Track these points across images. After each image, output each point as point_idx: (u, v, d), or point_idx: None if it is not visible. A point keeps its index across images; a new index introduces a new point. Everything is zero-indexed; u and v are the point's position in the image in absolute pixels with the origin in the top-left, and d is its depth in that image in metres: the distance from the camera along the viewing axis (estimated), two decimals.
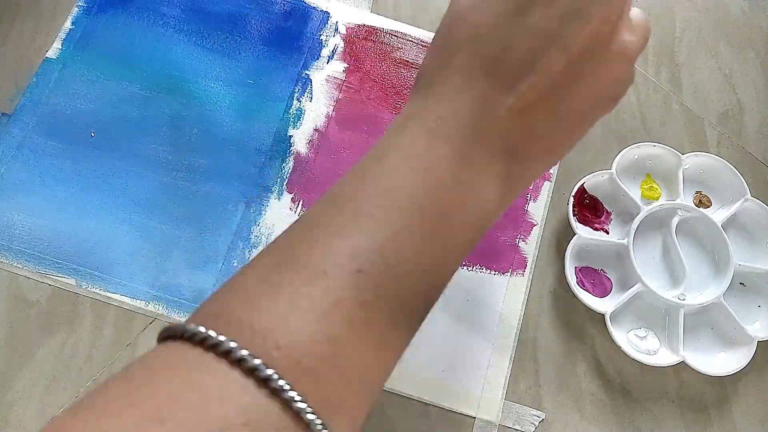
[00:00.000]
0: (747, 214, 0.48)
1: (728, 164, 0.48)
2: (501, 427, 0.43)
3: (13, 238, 0.45)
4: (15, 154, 0.47)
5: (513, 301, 0.46)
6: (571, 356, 0.45)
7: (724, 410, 0.45)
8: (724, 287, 0.45)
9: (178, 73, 0.50)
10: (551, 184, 0.49)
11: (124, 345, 0.43)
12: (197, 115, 0.49)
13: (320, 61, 0.52)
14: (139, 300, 0.44)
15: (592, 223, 0.48)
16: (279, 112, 0.50)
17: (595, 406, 0.44)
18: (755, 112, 0.53)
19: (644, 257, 0.47)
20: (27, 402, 0.41)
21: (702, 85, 0.54)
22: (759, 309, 0.46)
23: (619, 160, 0.47)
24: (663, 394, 0.45)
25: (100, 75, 0.50)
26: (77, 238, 0.45)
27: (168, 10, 0.52)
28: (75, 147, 0.47)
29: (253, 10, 0.52)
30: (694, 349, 0.45)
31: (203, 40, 0.51)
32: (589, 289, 0.46)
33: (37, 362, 0.42)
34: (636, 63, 0.55)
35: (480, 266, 0.47)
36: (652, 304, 0.46)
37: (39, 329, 0.43)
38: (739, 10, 0.57)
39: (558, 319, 0.46)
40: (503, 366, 0.44)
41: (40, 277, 0.44)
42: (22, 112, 0.48)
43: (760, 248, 0.47)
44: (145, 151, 0.48)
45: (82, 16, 0.51)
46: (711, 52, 0.55)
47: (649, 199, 0.48)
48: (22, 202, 0.46)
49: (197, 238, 0.46)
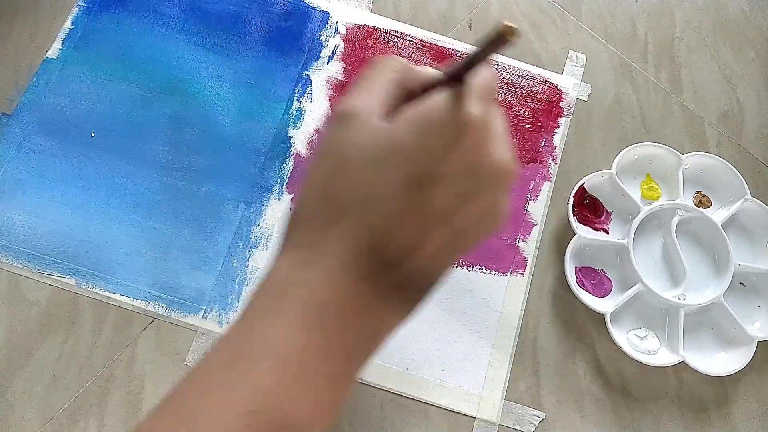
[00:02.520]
0: (747, 214, 0.48)
1: (728, 164, 0.48)
2: (501, 427, 0.43)
3: (13, 238, 0.45)
4: (15, 154, 0.47)
5: (513, 301, 0.46)
6: (571, 356, 0.45)
7: (724, 410, 0.45)
8: (724, 287, 0.45)
9: (178, 73, 0.50)
10: (551, 184, 0.49)
11: (124, 345, 0.43)
12: (197, 115, 0.49)
13: (320, 62, 0.52)
14: (139, 300, 0.44)
15: (592, 223, 0.48)
16: (279, 113, 0.50)
17: (595, 406, 0.44)
18: (755, 112, 0.53)
19: (644, 257, 0.47)
20: (27, 402, 0.41)
21: (702, 85, 0.54)
22: (759, 309, 0.46)
23: (619, 160, 0.47)
24: (663, 394, 0.45)
25: (100, 75, 0.50)
26: (77, 238, 0.45)
27: (168, 10, 0.52)
28: (75, 147, 0.47)
29: (253, 10, 0.52)
30: (694, 349, 0.45)
31: (203, 40, 0.51)
32: (589, 289, 0.46)
33: (37, 362, 0.42)
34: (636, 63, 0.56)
35: (480, 266, 0.47)
36: (652, 304, 0.46)
37: (39, 329, 0.43)
38: (739, 10, 0.57)
39: (558, 319, 0.46)
40: (503, 366, 0.44)
41: (40, 277, 0.44)
42: (22, 112, 0.48)
43: (760, 248, 0.47)
44: (145, 151, 0.48)
45: (82, 16, 0.51)
46: (711, 52, 0.55)
47: (649, 199, 0.48)
48: (22, 202, 0.46)
49: (197, 238, 0.46)
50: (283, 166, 0.48)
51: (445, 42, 0.53)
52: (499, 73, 0.52)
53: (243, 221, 0.47)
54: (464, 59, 0.22)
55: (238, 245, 0.46)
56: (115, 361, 0.43)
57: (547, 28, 0.54)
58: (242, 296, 0.45)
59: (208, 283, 0.45)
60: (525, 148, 0.50)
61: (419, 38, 0.53)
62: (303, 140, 0.49)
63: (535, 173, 0.50)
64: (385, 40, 0.53)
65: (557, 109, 0.52)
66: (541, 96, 0.52)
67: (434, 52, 0.53)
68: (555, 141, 0.51)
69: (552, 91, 0.52)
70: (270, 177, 0.48)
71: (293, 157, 0.49)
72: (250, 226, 0.47)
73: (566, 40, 0.54)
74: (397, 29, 0.53)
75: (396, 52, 0.52)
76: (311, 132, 0.49)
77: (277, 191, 0.48)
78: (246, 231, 0.46)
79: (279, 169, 0.48)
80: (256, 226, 0.47)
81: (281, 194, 0.48)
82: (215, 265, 0.45)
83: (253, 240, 0.46)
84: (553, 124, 0.51)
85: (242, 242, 0.46)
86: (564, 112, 0.52)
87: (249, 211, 0.47)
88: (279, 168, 0.48)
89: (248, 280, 0.45)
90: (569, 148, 0.51)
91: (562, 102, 0.52)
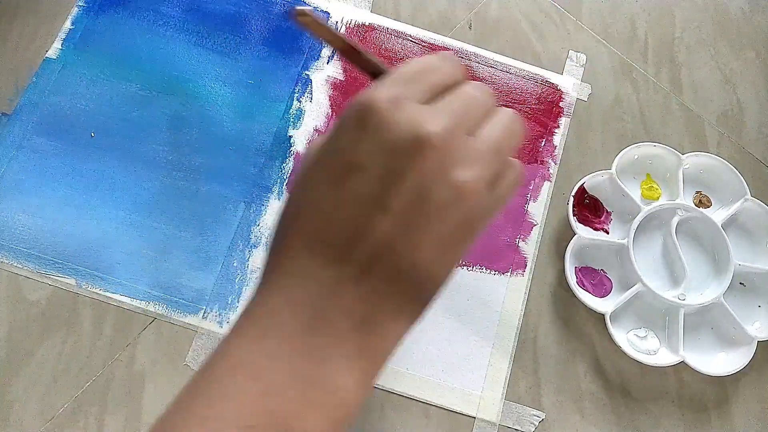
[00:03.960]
0: (747, 214, 0.48)
1: (728, 164, 0.48)
2: (501, 427, 0.43)
3: (13, 238, 0.45)
4: (15, 154, 0.47)
5: (513, 301, 0.46)
6: (571, 356, 0.45)
7: (724, 410, 0.45)
8: (724, 287, 0.45)
9: (178, 73, 0.50)
10: (551, 184, 0.49)
11: (124, 345, 0.43)
12: (197, 115, 0.49)
13: (320, 62, 0.52)
14: (138, 300, 0.44)
15: (592, 223, 0.48)
16: (279, 113, 0.50)
17: (595, 406, 0.44)
18: (755, 112, 0.53)
19: (644, 257, 0.47)
20: (27, 402, 0.41)
21: (702, 85, 0.54)
22: (759, 309, 0.46)
23: (619, 160, 0.47)
24: (663, 394, 0.45)
25: (100, 75, 0.50)
26: (77, 238, 0.45)
27: (168, 10, 0.52)
28: (75, 147, 0.47)
29: (253, 10, 0.52)
30: (694, 349, 0.45)
31: (203, 40, 0.51)
32: (589, 289, 0.46)
33: (37, 362, 0.42)
34: (636, 63, 0.56)
35: (480, 266, 0.47)
36: (652, 304, 0.46)
37: (39, 329, 0.43)
38: (739, 10, 0.57)
39: (558, 319, 0.46)
40: (503, 366, 0.44)
41: (40, 277, 0.44)
42: (22, 112, 0.48)
43: (760, 248, 0.47)
44: (145, 151, 0.48)
45: (82, 16, 0.51)
46: (711, 52, 0.55)
47: (649, 199, 0.48)
48: (22, 202, 0.46)
49: (197, 238, 0.46)
50: (283, 166, 0.48)
51: (445, 42, 0.53)
52: (500, 73, 0.52)
53: (243, 221, 0.47)
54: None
55: (238, 245, 0.46)
56: (115, 361, 0.43)
57: (547, 28, 0.54)
58: (242, 296, 0.45)
59: (208, 283, 0.45)
60: (525, 148, 0.50)
61: (419, 38, 0.53)
62: (303, 140, 0.49)
63: (535, 173, 0.50)
64: (385, 39, 0.53)
65: (557, 109, 0.52)
66: (541, 96, 0.52)
67: (434, 52, 0.52)
68: (555, 141, 0.51)
69: (552, 91, 0.52)
70: (270, 177, 0.48)
71: (293, 156, 0.49)
72: (250, 226, 0.47)
73: (566, 40, 0.54)
74: (397, 29, 0.53)
75: (396, 52, 0.52)
76: (311, 132, 0.50)
77: (277, 191, 0.48)
78: (246, 231, 0.46)
79: (279, 169, 0.48)
80: (256, 226, 0.47)
81: (281, 194, 0.48)
82: (215, 265, 0.45)
83: (253, 240, 0.46)
84: (553, 124, 0.51)
85: (242, 242, 0.46)
86: (564, 112, 0.52)
87: (249, 211, 0.47)
88: (279, 168, 0.48)
89: (248, 280, 0.45)
90: (569, 148, 0.51)
91: (562, 102, 0.52)
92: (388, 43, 0.52)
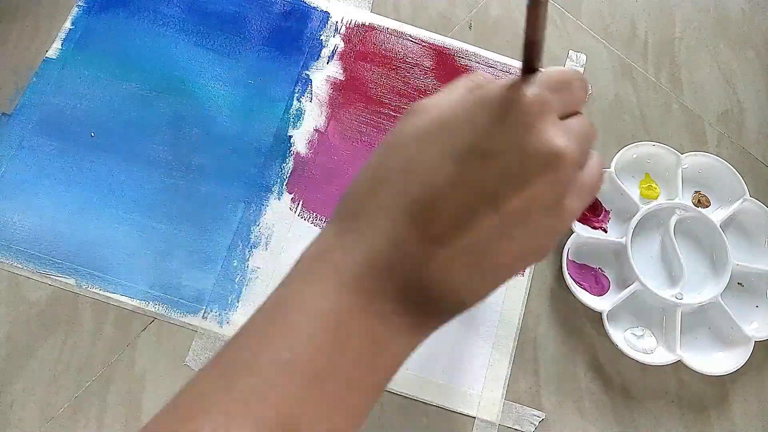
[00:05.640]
0: (746, 214, 0.48)
1: (727, 164, 0.48)
2: (501, 427, 0.43)
3: (13, 238, 0.45)
4: (15, 154, 0.47)
5: (513, 301, 0.46)
6: (571, 356, 0.45)
7: (724, 410, 0.45)
8: (721, 287, 0.45)
9: (178, 73, 0.50)
10: None
11: (124, 345, 0.43)
12: (197, 115, 0.49)
13: (320, 62, 0.52)
14: (138, 300, 0.44)
15: (591, 222, 0.48)
16: (279, 112, 0.50)
17: (595, 405, 0.44)
18: (755, 112, 0.53)
19: (642, 256, 0.47)
20: (27, 402, 0.42)
21: (702, 85, 0.54)
22: (757, 309, 0.46)
23: (618, 159, 0.47)
24: (663, 393, 0.45)
25: (100, 75, 0.50)
26: (77, 238, 0.45)
27: (168, 9, 0.52)
28: (75, 147, 0.47)
29: (253, 10, 0.52)
30: (692, 348, 0.45)
31: (203, 40, 0.51)
32: (587, 288, 0.46)
33: (37, 362, 0.42)
34: (636, 63, 0.56)
35: None
36: (649, 303, 0.46)
37: (39, 329, 0.43)
38: (739, 10, 0.57)
39: (558, 318, 0.46)
40: (503, 366, 0.45)
41: (40, 277, 0.44)
42: (22, 112, 0.48)
43: (758, 248, 0.47)
44: (145, 151, 0.48)
45: (82, 16, 0.51)
46: (711, 52, 0.55)
47: (647, 198, 0.48)
48: (22, 202, 0.46)
49: (197, 238, 0.46)
50: (283, 166, 0.48)
51: (445, 42, 0.53)
52: (500, 73, 0.52)
53: (243, 221, 0.47)
54: (525, 45, 0.23)
55: (238, 245, 0.46)
56: (115, 361, 0.43)
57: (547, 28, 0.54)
58: (242, 296, 0.45)
59: (208, 283, 0.45)
60: None
61: (419, 38, 0.53)
62: (303, 140, 0.49)
63: None
64: (385, 39, 0.53)
65: None
66: None
67: (434, 52, 0.53)
68: None
69: None
70: (270, 177, 0.48)
71: (293, 156, 0.49)
72: (250, 225, 0.47)
73: (566, 40, 0.54)
74: (397, 29, 0.53)
75: (396, 52, 0.52)
76: (311, 132, 0.50)
77: (277, 191, 0.48)
78: (246, 231, 0.46)
79: (279, 169, 0.48)
80: (256, 225, 0.47)
81: (281, 194, 0.48)
82: (215, 265, 0.45)
83: (253, 240, 0.46)
84: None
85: (242, 242, 0.46)
86: None
87: (249, 210, 0.47)
88: (279, 168, 0.48)
89: (248, 280, 0.45)
90: None
91: None
92: (388, 43, 0.53)
